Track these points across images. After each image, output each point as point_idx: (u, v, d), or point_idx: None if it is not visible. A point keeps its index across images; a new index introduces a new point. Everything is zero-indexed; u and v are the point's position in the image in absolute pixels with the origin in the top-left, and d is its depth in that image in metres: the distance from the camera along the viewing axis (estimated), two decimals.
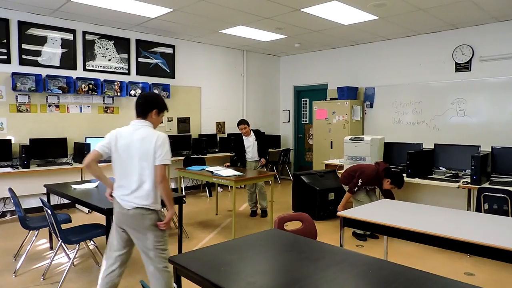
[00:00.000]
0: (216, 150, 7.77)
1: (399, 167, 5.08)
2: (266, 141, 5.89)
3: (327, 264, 1.87)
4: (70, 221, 3.78)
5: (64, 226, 3.46)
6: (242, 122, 5.62)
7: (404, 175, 4.66)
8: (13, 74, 5.43)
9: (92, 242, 3.57)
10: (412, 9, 5.21)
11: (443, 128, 6.40)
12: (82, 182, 4.24)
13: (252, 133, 5.62)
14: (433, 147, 4.90)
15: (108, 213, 3.08)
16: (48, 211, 3.19)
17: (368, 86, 7.43)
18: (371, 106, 7.39)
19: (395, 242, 3.92)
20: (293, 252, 2.08)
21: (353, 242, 4.40)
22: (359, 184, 4.24)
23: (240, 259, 1.94)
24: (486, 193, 3.70)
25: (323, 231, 4.71)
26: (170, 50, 7.24)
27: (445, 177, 4.57)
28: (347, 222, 2.83)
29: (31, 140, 5.49)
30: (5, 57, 5.43)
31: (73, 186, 3.91)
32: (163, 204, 2.48)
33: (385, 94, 7.17)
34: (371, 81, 7.42)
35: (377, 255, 3.82)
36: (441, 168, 4.76)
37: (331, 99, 7.62)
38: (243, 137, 5.61)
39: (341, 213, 2.88)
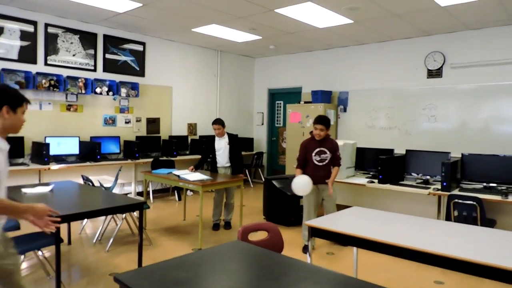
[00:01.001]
0: (187, 153, 7.52)
1: (371, 173, 5.02)
2: (240, 150, 5.26)
3: (290, 282, 1.71)
4: (19, 228, 3.46)
5: (11, 234, 3.16)
6: (217, 121, 5.08)
7: (375, 181, 4.60)
8: None
9: (40, 252, 3.27)
10: (386, 14, 5.18)
11: (415, 133, 6.42)
12: (35, 185, 3.93)
13: (226, 136, 5.11)
14: (404, 153, 4.87)
15: (61, 221, 2.83)
16: None
17: (342, 90, 7.39)
18: (345, 110, 7.35)
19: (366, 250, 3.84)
20: (255, 268, 1.91)
21: (324, 249, 4.28)
22: (298, 155, 4.22)
23: (195, 277, 1.75)
24: (456, 200, 3.66)
25: (293, 239, 4.58)
26: (140, 47, 6.95)
27: (416, 183, 4.53)
28: (316, 232, 2.68)
29: None
30: None
31: (24, 190, 3.59)
32: None
33: (359, 98, 7.15)
34: (345, 85, 7.38)
35: (346, 265, 3.77)
36: (412, 174, 4.73)
37: (305, 102, 7.53)
38: (216, 138, 5.14)
39: (309, 222, 2.74)
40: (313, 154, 4.10)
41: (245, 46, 7.71)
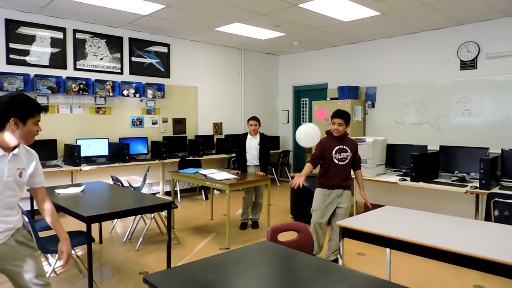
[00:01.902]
0: (213, 152, 7.54)
1: (402, 170, 4.85)
2: (269, 150, 5.23)
3: (324, 286, 1.64)
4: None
5: (45, 234, 3.26)
6: (254, 118, 5.07)
7: (408, 179, 4.43)
8: (0, 74, 5.21)
9: (73, 251, 3.34)
10: (414, 3, 4.97)
11: (448, 128, 6.15)
12: (68, 186, 4.02)
13: (258, 136, 5.06)
14: (438, 149, 4.66)
15: (90, 221, 2.88)
16: (25, 218, 2.96)
17: (370, 86, 7.19)
18: (373, 106, 7.15)
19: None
20: (285, 270, 1.86)
21: (354, 250, 4.16)
22: (314, 152, 3.72)
23: (224, 278, 1.71)
24: (497, 199, 3.45)
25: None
26: (164, 49, 7.02)
27: (452, 181, 4.32)
28: (347, 233, 2.59)
29: None
30: None
31: (57, 191, 3.68)
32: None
33: (387, 93, 6.93)
34: (373, 80, 7.18)
35: (378, 267, 3.63)
36: (447, 171, 4.52)
37: (331, 99, 7.39)
38: (248, 136, 5.09)
39: (340, 222, 2.65)
40: (333, 152, 3.61)
41: (269, 44, 7.64)
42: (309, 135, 3.83)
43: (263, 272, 1.85)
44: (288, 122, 9.00)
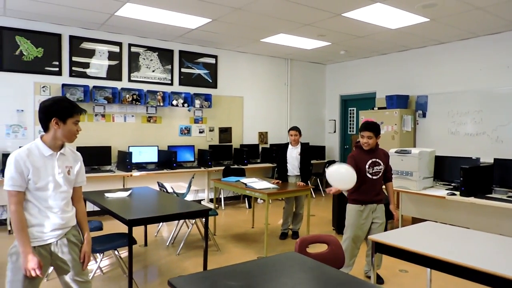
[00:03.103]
0: (258, 161, 7.63)
1: (452, 184, 4.56)
2: (310, 161, 5.21)
3: None
4: (101, 229, 3.82)
5: (94, 234, 3.49)
6: (295, 128, 5.11)
7: (457, 193, 4.16)
8: (63, 85, 5.73)
9: (117, 252, 3.55)
10: (467, 8, 4.71)
11: (508, 140, 5.69)
12: (116, 190, 4.28)
13: (299, 146, 5.06)
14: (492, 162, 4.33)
15: (131, 224, 3.06)
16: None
17: (420, 94, 6.88)
18: (424, 115, 6.82)
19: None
20: (308, 284, 1.84)
21: (396, 266, 3.98)
22: None
23: (244, 286, 1.74)
24: None
25: (359, 253, 4.32)
26: (212, 60, 7.27)
27: (507, 197, 3.99)
28: (380, 248, 2.50)
29: (78, 148, 5.67)
30: (57, 69, 5.76)
31: (106, 194, 3.95)
32: None
33: (439, 102, 6.58)
34: (424, 88, 6.86)
35: (421, 286, 3.43)
36: (502, 186, 4.17)
37: (379, 108, 7.17)
38: (289, 146, 5.10)
39: (374, 237, 2.57)
40: (367, 166, 3.43)
41: (314, 53, 7.62)
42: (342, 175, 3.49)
43: (284, 282, 1.85)
44: (334, 131, 8.86)
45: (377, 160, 3.47)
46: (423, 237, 2.62)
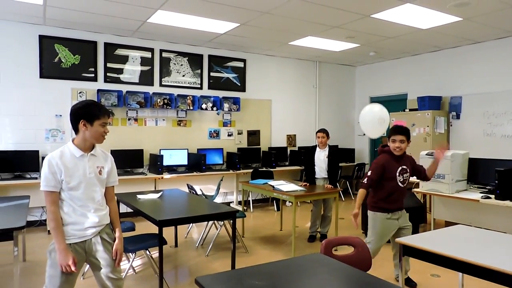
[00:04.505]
0: (286, 164, 7.64)
1: (487, 187, 4.40)
2: (338, 163, 5.20)
3: None
4: (133, 230, 3.95)
5: (126, 234, 3.63)
6: (322, 130, 5.11)
7: (492, 196, 4.01)
8: (99, 91, 5.99)
9: (148, 252, 3.67)
10: (502, 6, 4.53)
11: None
12: (148, 192, 4.42)
13: (327, 149, 5.05)
14: None
15: (161, 224, 3.16)
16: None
17: (454, 95, 6.67)
18: (458, 117, 6.60)
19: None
20: (334, 286, 1.85)
21: (428, 271, 3.87)
22: (369, 174, 3.32)
23: (268, 285, 1.77)
24: None
25: (387, 256, 4.23)
26: (241, 64, 7.37)
27: None
28: (408, 251, 2.47)
29: (112, 151, 5.94)
30: (93, 75, 6.03)
31: (138, 196, 4.09)
32: None
33: (474, 103, 6.36)
34: (457, 89, 6.64)
35: None
36: None
37: (410, 110, 7.01)
38: (317, 149, 5.11)
39: (401, 239, 2.53)
40: (397, 174, 3.28)
41: (343, 55, 7.56)
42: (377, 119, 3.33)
43: (309, 283, 1.87)
44: (364, 134, 8.71)
45: (405, 167, 3.35)
46: (454, 240, 2.56)
